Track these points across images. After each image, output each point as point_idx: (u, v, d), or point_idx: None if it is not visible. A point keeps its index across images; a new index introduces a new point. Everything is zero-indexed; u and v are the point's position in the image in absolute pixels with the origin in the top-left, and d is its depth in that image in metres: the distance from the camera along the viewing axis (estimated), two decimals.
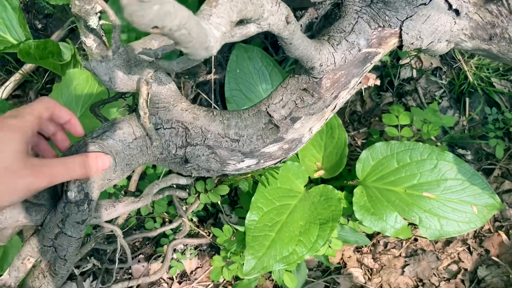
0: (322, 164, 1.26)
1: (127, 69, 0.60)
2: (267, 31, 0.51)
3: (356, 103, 1.48)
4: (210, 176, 0.71)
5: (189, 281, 1.36)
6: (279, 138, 0.66)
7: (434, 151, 1.09)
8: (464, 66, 1.44)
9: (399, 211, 1.10)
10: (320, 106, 0.65)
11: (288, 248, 1.04)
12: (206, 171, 0.68)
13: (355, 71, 0.63)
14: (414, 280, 1.30)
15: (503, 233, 1.31)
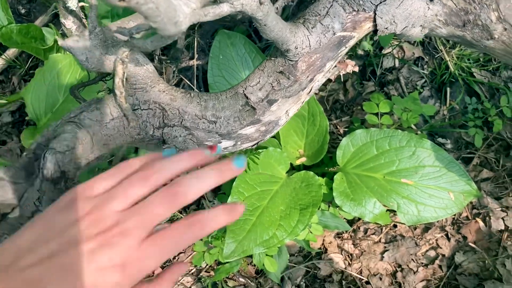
0: (304, 151, 1.28)
1: (104, 49, 0.61)
2: (242, 12, 0.51)
3: (339, 92, 1.50)
4: None
5: None
6: (256, 120, 0.67)
7: (413, 138, 1.11)
8: (445, 56, 1.46)
9: (378, 197, 1.12)
10: (296, 89, 0.66)
11: (269, 232, 1.05)
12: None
13: (330, 54, 0.64)
14: (393, 265, 1.33)
15: (480, 220, 1.34)
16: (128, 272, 0.38)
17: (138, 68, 0.65)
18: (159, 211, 0.40)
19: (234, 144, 0.68)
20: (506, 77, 1.46)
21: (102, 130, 0.64)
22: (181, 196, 0.41)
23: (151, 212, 0.39)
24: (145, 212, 0.39)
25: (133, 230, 0.38)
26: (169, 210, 0.40)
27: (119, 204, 0.40)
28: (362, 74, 1.51)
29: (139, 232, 0.39)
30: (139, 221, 0.39)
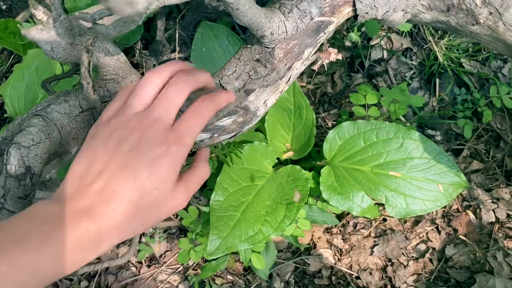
0: (291, 145, 1.25)
1: (70, 38, 0.58)
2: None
3: (327, 85, 1.47)
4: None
5: (158, 264, 1.34)
6: (233, 111, 0.65)
7: (400, 130, 1.08)
8: (434, 47, 1.44)
9: (365, 190, 1.09)
10: (274, 78, 0.63)
11: (254, 228, 1.03)
12: None
13: (308, 41, 0.61)
14: (383, 260, 1.30)
15: (470, 213, 1.32)
16: (174, 150, 0.45)
17: (109, 58, 0.62)
18: (175, 94, 0.48)
19: (211, 136, 0.66)
20: (495, 67, 1.45)
21: (71, 123, 0.61)
22: (187, 83, 0.49)
23: (169, 96, 0.48)
24: (164, 99, 0.48)
25: (161, 116, 0.47)
26: (183, 95, 0.49)
27: (139, 106, 0.48)
28: (350, 66, 1.49)
29: (167, 115, 0.47)
30: (163, 107, 0.47)
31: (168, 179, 0.45)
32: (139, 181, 0.43)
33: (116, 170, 0.44)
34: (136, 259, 1.35)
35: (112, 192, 0.43)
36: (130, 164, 0.44)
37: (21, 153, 0.55)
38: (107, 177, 0.43)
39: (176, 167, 0.46)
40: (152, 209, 0.45)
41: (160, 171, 0.44)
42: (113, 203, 0.42)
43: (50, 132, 0.58)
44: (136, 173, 0.43)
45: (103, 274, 1.34)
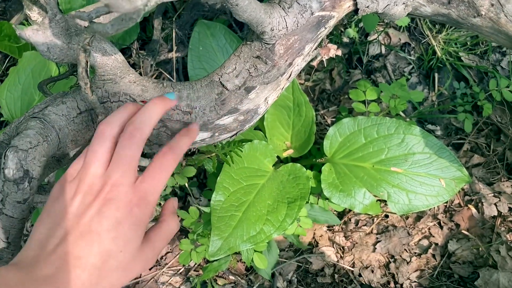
0: (291, 143, 1.24)
1: (66, 38, 0.57)
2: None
3: (325, 81, 1.46)
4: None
5: (159, 266, 1.33)
6: (233, 109, 0.63)
7: (401, 125, 1.08)
8: (432, 41, 1.43)
9: (367, 187, 1.08)
10: (275, 74, 0.62)
11: (256, 228, 1.02)
12: (158, 146, 0.65)
13: (309, 36, 0.60)
14: (385, 256, 1.30)
15: (472, 207, 1.31)
16: (137, 211, 0.45)
17: (106, 58, 0.61)
18: (129, 152, 0.47)
19: (212, 136, 0.65)
20: (494, 60, 1.44)
21: (69, 125, 0.60)
22: (138, 132, 0.48)
23: (125, 157, 0.46)
24: (120, 160, 0.46)
25: (121, 179, 0.45)
26: (137, 148, 0.47)
27: (98, 168, 0.47)
28: (349, 62, 1.48)
29: (126, 178, 0.46)
30: (121, 169, 0.46)
31: (132, 241, 0.45)
32: (103, 246, 0.43)
33: (79, 236, 0.43)
34: None
35: (75, 259, 0.42)
36: (94, 229, 0.43)
37: (18, 156, 0.54)
38: (70, 243, 0.43)
39: (139, 228, 0.45)
40: (118, 272, 0.44)
41: (123, 234, 0.44)
42: (76, 269, 0.42)
43: (48, 134, 0.57)
44: (100, 238, 0.43)
45: None
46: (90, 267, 0.42)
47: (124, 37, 1.17)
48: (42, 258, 0.43)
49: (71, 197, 0.46)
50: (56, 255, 0.42)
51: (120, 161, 0.46)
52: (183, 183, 1.18)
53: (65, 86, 1.05)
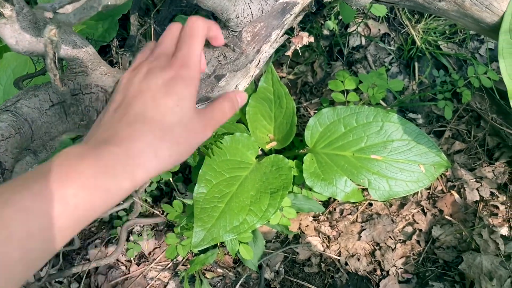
0: (274, 135, 1.25)
1: (35, 32, 0.58)
2: None
3: (307, 74, 1.48)
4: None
5: (147, 262, 1.34)
6: (204, 97, 0.65)
7: (379, 113, 1.09)
8: (411, 31, 1.45)
9: (348, 175, 1.10)
10: (244, 62, 0.63)
11: (239, 218, 1.03)
12: None
13: (274, 22, 0.62)
14: (371, 244, 1.31)
15: (455, 193, 1.33)
16: (184, 72, 0.46)
17: (76, 50, 0.62)
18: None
19: None
20: (473, 48, 1.46)
21: (41, 118, 0.61)
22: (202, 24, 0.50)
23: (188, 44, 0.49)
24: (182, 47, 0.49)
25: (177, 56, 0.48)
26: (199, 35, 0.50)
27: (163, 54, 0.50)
28: (330, 54, 1.49)
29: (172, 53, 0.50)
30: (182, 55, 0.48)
31: (186, 98, 0.45)
32: (158, 101, 0.44)
33: (133, 96, 0.45)
34: (125, 257, 1.34)
35: (133, 116, 0.43)
36: (146, 90, 0.45)
37: None
38: (126, 105, 0.45)
39: (189, 87, 0.46)
40: (180, 127, 0.44)
41: (175, 90, 0.45)
42: (136, 124, 0.42)
43: (21, 126, 0.58)
44: (153, 94, 0.45)
45: (93, 274, 1.34)
46: (150, 120, 0.43)
47: (104, 35, 1.18)
48: (103, 125, 0.44)
49: (134, 76, 0.48)
50: (114, 119, 0.44)
51: (182, 45, 0.49)
52: (167, 178, 1.19)
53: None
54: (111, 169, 0.38)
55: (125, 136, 0.41)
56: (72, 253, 1.37)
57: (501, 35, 0.74)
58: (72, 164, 0.37)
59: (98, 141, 0.41)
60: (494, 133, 1.37)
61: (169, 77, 0.46)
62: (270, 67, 1.17)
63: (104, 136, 0.42)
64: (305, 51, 1.48)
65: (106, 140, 0.41)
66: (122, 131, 0.41)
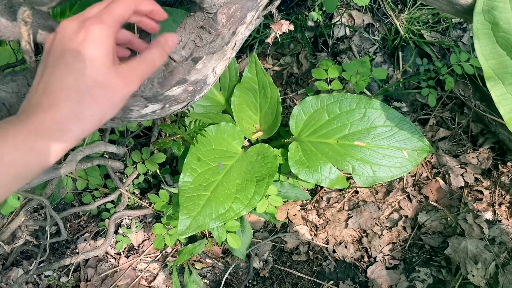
0: (260, 125, 1.26)
1: (10, 16, 0.58)
2: None
3: (293, 65, 1.49)
4: (116, 125, 0.70)
5: (136, 254, 1.35)
6: (182, 80, 0.65)
7: (362, 100, 1.10)
8: (395, 21, 1.47)
9: (333, 162, 1.11)
10: (220, 44, 0.64)
11: (224, 206, 1.04)
12: (110, 120, 0.66)
13: (249, 4, 0.62)
14: (358, 231, 1.33)
15: (440, 179, 1.35)
16: (94, 29, 0.47)
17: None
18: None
19: (162, 107, 0.67)
20: (455, 36, 1.48)
21: (19, 102, 0.61)
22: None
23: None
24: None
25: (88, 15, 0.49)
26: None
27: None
28: (315, 46, 1.50)
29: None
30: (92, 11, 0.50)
31: (97, 58, 0.47)
32: (71, 66, 0.46)
33: (50, 66, 0.47)
34: (115, 250, 1.35)
35: (53, 85, 0.46)
36: (61, 56, 0.47)
37: None
38: (48, 75, 0.47)
39: (101, 45, 0.47)
40: (97, 89, 0.46)
41: (86, 52, 0.46)
42: (55, 92, 0.45)
43: None
44: (67, 60, 0.46)
45: (82, 268, 1.34)
46: (66, 87, 0.45)
47: None
48: (30, 97, 0.47)
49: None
50: (37, 92, 0.46)
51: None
52: (153, 169, 1.20)
53: None
54: (40, 133, 0.43)
55: (49, 104, 0.45)
56: (61, 247, 1.37)
57: (475, 16, 0.75)
58: (7, 129, 0.43)
59: (28, 109, 0.46)
60: (478, 120, 1.39)
61: (81, 39, 0.47)
62: (253, 56, 1.18)
63: (33, 103, 0.46)
64: (290, 42, 1.49)
65: (34, 108, 0.45)
66: (47, 100, 0.45)
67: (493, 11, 0.74)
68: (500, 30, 0.74)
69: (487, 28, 0.75)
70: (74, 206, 1.36)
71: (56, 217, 0.98)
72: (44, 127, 0.43)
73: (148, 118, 0.68)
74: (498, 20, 0.74)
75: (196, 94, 0.68)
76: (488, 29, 0.75)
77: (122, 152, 1.12)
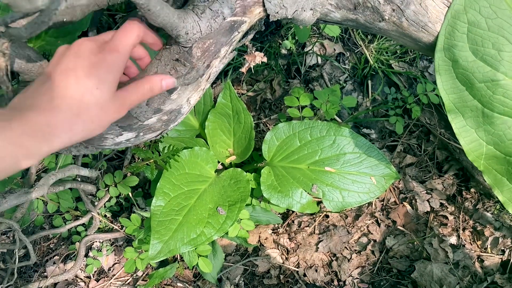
0: (233, 150, 1.28)
1: None
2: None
3: (267, 91, 1.52)
4: (90, 152, 0.71)
5: (107, 277, 1.34)
6: (157, 109, 0.67)
7: (332, 128, 1.14)
8: (365, 51, 1.53)
9: (303, 187, 1.14)
10: (194, 76, 0.67)
11: (196, 231, 1.05)
12: (85, 147, 0.68)
13: (223, 39, 0.65)
14: (328, 255, 1.35)
15: (407, 204, 1.39)
16: (110, 57, 0.51)
17: (31, 64, 0.63)
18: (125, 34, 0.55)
19: (137, 136, 0.68)
20: (422, 67, 1.54)
21: None
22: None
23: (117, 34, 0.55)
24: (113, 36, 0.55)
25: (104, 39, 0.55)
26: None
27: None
28: (287, 73, 1.55)
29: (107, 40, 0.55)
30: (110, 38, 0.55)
31: (106, 81, 0.51)
32: (80, 81, 0.49)
33: (58, 74, 0.49)
34: (85, 273, 1.33)
35: (57, 91, 0.48)
36: (72, 68, 0.49)
37: None
38: (50, 81, 0.49)
39: (112, 72, 0.51)
40: (96, 109, 0.50)
41: (99, 73, 0.50)
42: (57, 99, 0.48)
43: None
44: (76, 73, 0.49)
45: None
46: (69, 97, 0.48)
47: None
48: (29, 94, 0.49)
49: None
50: (39, 92, 0.49)
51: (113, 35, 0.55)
52: (126, 192, 1.20)
53: None
54: (34, 133, 0.46)
55: (48, 108, 0.47)
56: (29, 270, 1.35)
57: (437, 53, 0.80)
58: (3, 123, 0.44)
59: (23, 106, 0.48)
60: (443, 147, 1.45)
61: (96, 60, 0.50)
62: (228, 83, 1.21)
63: (28, 102, 0.48)
64: (264, 69, 1.53)
65: (31, 107, 0.47)
66: (46, 103, 0.48)
67: (453, 49, 0.79)
68: (460, 67, 0.79)
69: (448, 64, 0.80)
70: (44, 229, 1.34)
71: (26, 241, 0.97)
72: (38, 128, 0.46)
73: (122, 145, 0.69)
74: (457, 58, 0.79)
75: (170, 123, 0.70)
76: (448, 66, 0.80)
77: (94, 175, 1.12)
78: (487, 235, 1.31)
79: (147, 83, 0.58)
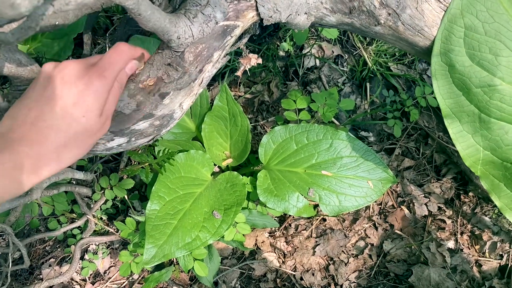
0: (230, 153, 1.28)
1: None
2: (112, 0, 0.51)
3: (264, 94, 1.51)
4: (80, 158, 0.70)
5: (102, 280, 1.33)
6: (149, 114, 0.67)
7: (329, 131, 1.13)
8: (363, 53, 1.52)
9: (300, 191, 1.13)
10: (187, 80, 0.66)
11: (191, 235, 1.04)
12: None
13: (216, 44, 0.64)
14: (325, 259, 1.34)
15: (405, 208, 1.38)
16: (97, 83, 0.52)
17: (21, 69, 0.63)
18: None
19: (128, 141, 0.67)
20: (420, 69, 1.53)
21: None
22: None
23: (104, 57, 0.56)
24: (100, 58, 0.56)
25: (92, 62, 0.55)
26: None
27: None
28: (285, 75, 1.54)
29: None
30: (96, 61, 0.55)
31: (94, 109, 0.51)
32: (67, 111, 0.50)
33: (45, 103, 0.50)
34: (80, 276, 1.33)
35: (44, 121, 0.49)
36: (59, 97, 0.50)
37: None
38: (40, 109, 0.50)
39: (99, 99, 0.52)
40: (83, 136, 0.52)
41: (86, 101, 0.51)
42: (45, 130, 0.49)
43: None
44: (65, 103, 0.50)
45: None
46: (57, 128, 0.49)
47: (59, 53, 1.18)
48: (15, 126, 0.49)
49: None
50: (25, 122, 0.49)
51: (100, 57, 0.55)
52: (121, 195, 1.19)
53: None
54: (24, 166, 0.47)
55: (36, 139, 0.48)
56: (25, 273, 1.34)
57: (433, 57, 0.79)
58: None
59: (13, 138, 0.48)
60: (441, 150, 1.44)
61: (83, 87, 0.51)
62: (224, 86, 1.20)
63: (18, 134, 0.48)
64: (262, 71, 1.52)
65: (20, 139, 0.48)
66: (35, 134, 0.49)
67: (450, 54, 0.78)
68: (456, 72, 0.78)
69: (444, 69, 0.79)
70: (40, 231, 1.33)
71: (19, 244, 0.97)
72: (27, 160, 0.47)
73: (114, 151, 0.68)
74: (454, 63, 0.78)
75: (163, 129, 0.70)
76: (445, 70, 0.79)
77: (90, 178, 1.12)
78: (485, 239, 1.30)
79: (117, 82, 0.58)
